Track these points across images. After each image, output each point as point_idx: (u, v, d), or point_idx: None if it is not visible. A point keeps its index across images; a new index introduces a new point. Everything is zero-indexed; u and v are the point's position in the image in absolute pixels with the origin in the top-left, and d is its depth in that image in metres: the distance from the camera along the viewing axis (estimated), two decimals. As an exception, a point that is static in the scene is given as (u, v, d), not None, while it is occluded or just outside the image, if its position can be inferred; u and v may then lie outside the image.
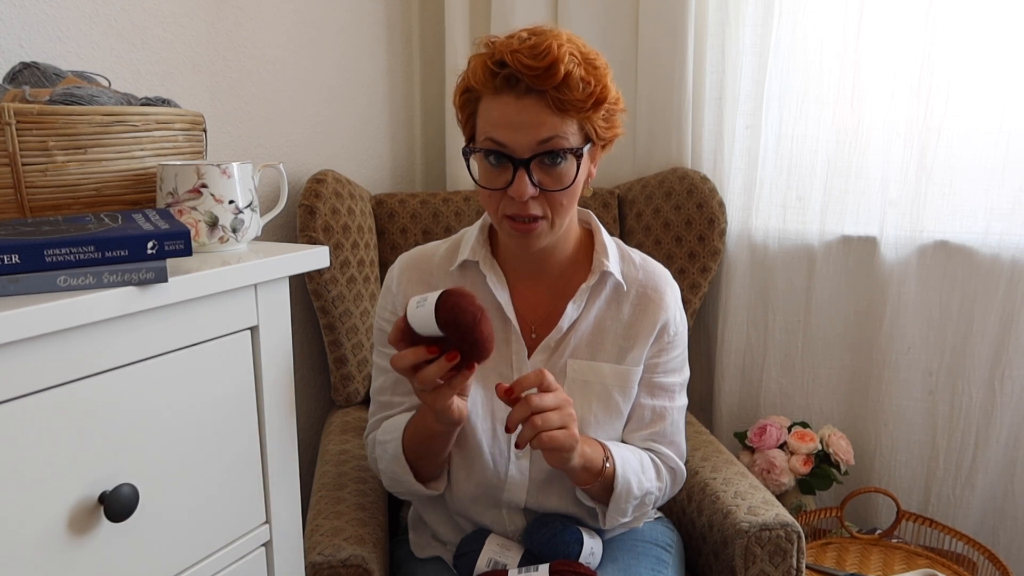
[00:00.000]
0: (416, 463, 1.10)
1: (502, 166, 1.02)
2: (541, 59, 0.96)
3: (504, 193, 1.02)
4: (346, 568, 1.06)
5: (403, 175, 1.96)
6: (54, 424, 0.71)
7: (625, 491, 1.08)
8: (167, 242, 0.74)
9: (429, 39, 1.96)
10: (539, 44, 0.97)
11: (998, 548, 1.67)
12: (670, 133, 1.76)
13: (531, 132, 0.99)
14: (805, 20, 1.66)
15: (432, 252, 1.19)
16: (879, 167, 1.65)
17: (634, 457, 1.11)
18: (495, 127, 1.00)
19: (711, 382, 1.90)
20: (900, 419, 1.71)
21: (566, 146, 1.00)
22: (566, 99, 0.98)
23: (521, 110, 0.98)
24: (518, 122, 0.99)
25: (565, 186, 1.02)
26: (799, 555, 1.16)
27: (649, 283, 1.16)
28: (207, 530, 0.87)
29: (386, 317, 1.17)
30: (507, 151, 1.00)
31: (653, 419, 1.16)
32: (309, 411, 1.71)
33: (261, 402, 0.91)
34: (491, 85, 0.99)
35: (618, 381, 1.13)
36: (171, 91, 1.34)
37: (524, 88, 0.97)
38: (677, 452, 1.18)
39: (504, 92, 0.99)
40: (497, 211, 1.05)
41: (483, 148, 1.02)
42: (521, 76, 0.97)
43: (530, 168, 1.00)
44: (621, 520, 1.12)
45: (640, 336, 1.13)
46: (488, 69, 0.99)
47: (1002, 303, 1.60)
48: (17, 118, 0.80)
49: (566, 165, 1.02)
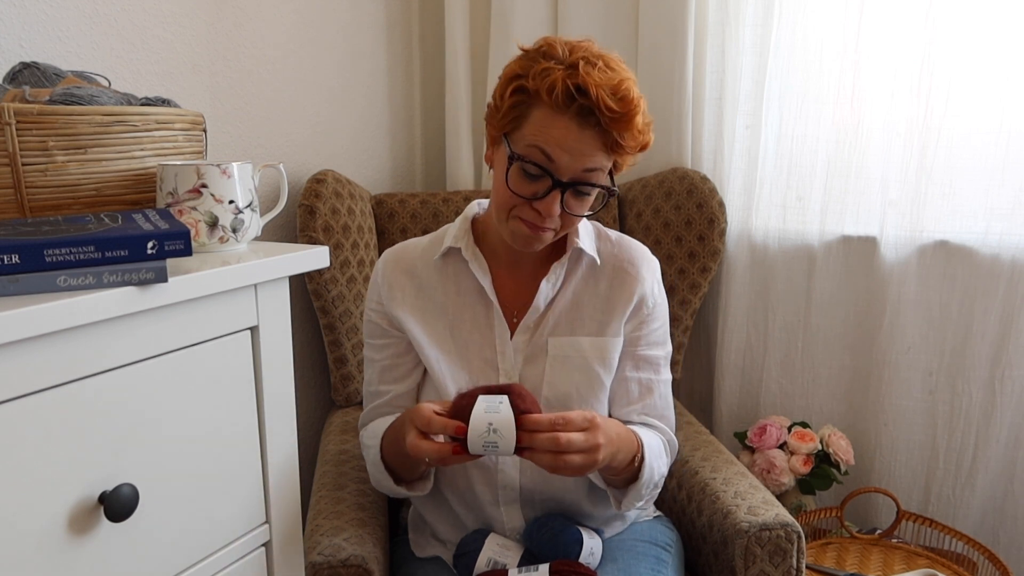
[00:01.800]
0: (397, 469, 1.12)
1: (540, 179, 1.03)
2: (623, 104, 0.98)
3: (527, 202, 1.04)
4: (346, 568, 1.06)
5: (403, 175, 1.96)
6: (54, 424, 0.71)
7: (648, 479, 1.09)
8: (167, 242, 0.74)
9: (429, 39, 1.96)
10: (620, 85, 0.98)
11: (998, 548, 1.67)
12: (670, 133, 1.76)
13: (580, 160, 1.01)
14: (805, 20, 1.66)
15: (415, 245, 1.22)
16: (879, 167, 1.65)
17: (655, 443, 1.12)
18: (548, 144, 1.01)
19: (711, 382, 1.90)
20: (900, 419, 1.71)
21: (602, 182, 1.05)
22: (624, 144, 1.01)
23: (580, 140, 1.00)
24: (573, 149, 1.00)
25: (585, 214, 1.08)
26: (799, 555, 1.16)
27: (624, 256, 1.18)
28: (207, 530, 0.87)
29: (373, 308, 1.20)
30: (551, 169, 1.02)
31: (641, 392, 1.17)
32: (309, 411, 1.71)
33: (261, 402, 0.91)
34: (561, 103, 0.98)
35: (598, 353, 1.14)
36: (171, 91, 1.34)
37: (594, 122, 0.99)
38: (668, 425, 1.20)
39: (568, 115, 0.99)
40: (511, 209, 1.07)
41: (529, 159, 1.02)
42: (598, 113, 0.98)
43: (565, 192, 1.03)
44: (637, 504, 1.13)
45: (617, 309, 1.16)
46: (567, 91, 0.98)
47: (1002, 303, 1.60)
48: (17, 118, 0.80)
49: (593, 195, 1.06)
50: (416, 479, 1.14)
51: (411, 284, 1.18)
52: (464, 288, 1.17)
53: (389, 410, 1.18)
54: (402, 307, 1.16)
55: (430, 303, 1.17)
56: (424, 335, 1.15)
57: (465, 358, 1.14)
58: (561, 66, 0.99)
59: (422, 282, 1.18)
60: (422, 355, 1.15)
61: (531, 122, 1.02)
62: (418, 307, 1.16)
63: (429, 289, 1.17)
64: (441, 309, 1.17)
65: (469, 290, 1.17)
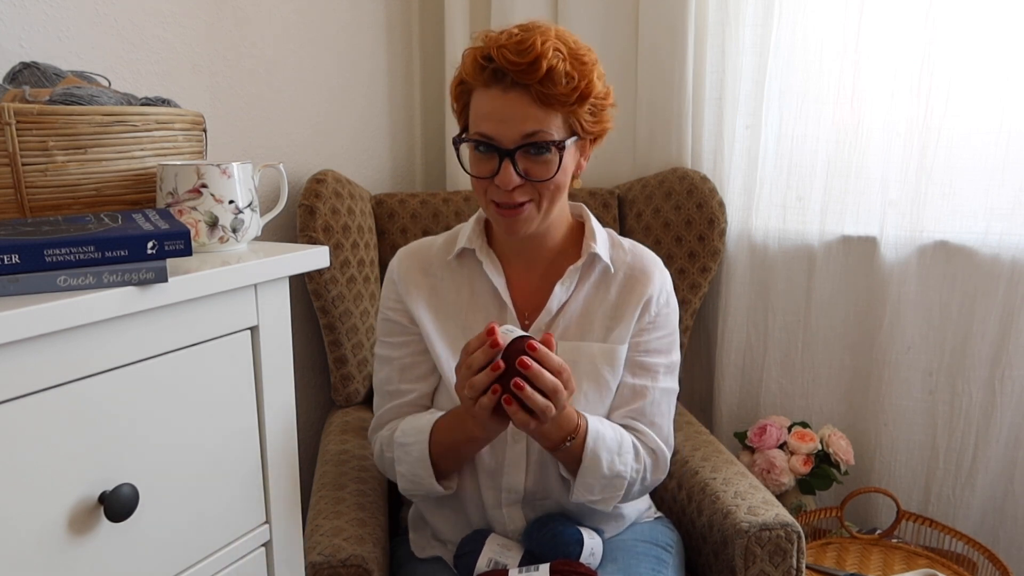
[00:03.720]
0: (441, 461, 1.10)
1: (489, 155, 1.06)
2: (525, 55, 1.01)
3: (491, 181, 1.07)
4: (346, 568, 1.06)
5: (403, 175, 1.96)
6: (54, 424, 0.71)
7: (592, 465, 1.07)
8: (167, 242, 0.74)
9: (429, 39, 1.96)
10: (525, 40, 1.02)
11: (998, 548, 1.67)
12: (670, 133, 1.76)
13: (516, 125, 1.03)
14: (805, 20, 1.66)
15: (430, 243, 1.23)
16: (879, 167, 1.65)
17: (612, 435, 1.10)
18: (483, 119, 1.05)
19: (711, 382, 1.90)
20: (900, 419, 1.71)
21: (550, 139, 1.05)
22: (550, 93, 1.02)
23: (507, 104, 1.03)
24: (504, 115, 1.04)
25: (549, 177, 1.07)
26: (799, 555, 1.16)
27: (637, 265, 1.19)
28: (207, 530, 0.87)
29: (390, 306, 1.19)
30: (494, 142, 1.05)
31: (632, 397, 1.16)
32: (309, 411, 1.70)
33: (261, 402, 0.91)
34: (480, 79, 1.05)
35: (606, 359, 1.15)
36: (171, 91, 1.34)
37: (510, 82, 1.02)
38: (659, 435, 1.16)
39: (492, 86, 1.04)
40: (485, 197, 1.10)
41: (472, 139, 1.07)
42: (506, 71, 1.01)
43: (515, 158, 1.05)
44: (589, 497, 1.10)
45: (625, 314, 1.16)
46: (477, 63, 1.04)
47: (1002, 303, 1.60)
48: (17, 118, 0.80)
49: (550, 156, 1.06)
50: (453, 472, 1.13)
51: (426, 283, 1.18)
52: (478, 289, 1.17)
53: (412, 409, 1.16)
54: (418, 304, 1.16)
55: (444, 303, 1.17)
56: (437, 334, 1.15)
57: None
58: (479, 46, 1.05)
59: (436, 281, 1.18)
60: (433, 353, 1.15)
61: (472, 108, 1.08)
62: (432, 305, 1.17)
63: (443, 289, 1.17)
64: (454, 309, 1.16)
65: (483, 291, 1.17)
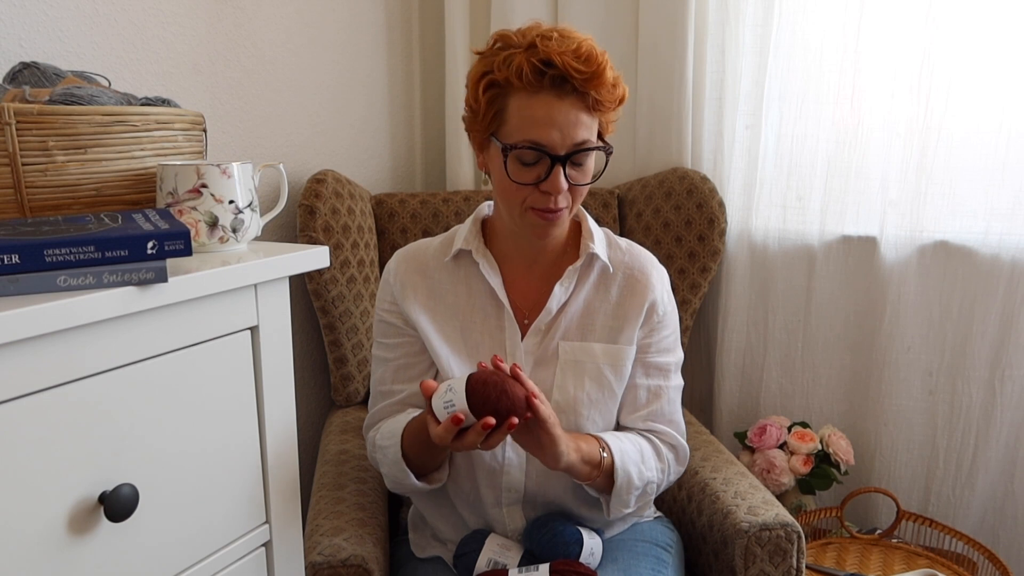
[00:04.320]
0: (416, 461, 1.11)
1: (539, 162, 1.05)
2: (590, 63, 1.01)
3: (534, 187, 1.05)
4: (346, 568, 1.06)
5: (403, 175, 1.96)
6: (54, 424, 0.71)
7: (626, 482, 1.09)
8: (167, 242, 0.74)
9: (429, 39, 1.96)
10: (581, 47, 1.01)
11: (998, 548, 1.67)
12: (670, 133, 1.76)
13: (570, 132, 1.03)
14: (805, 20, 1.66)
15: (427, 245, 1.22)
16: (879, 167, 1.65)
17: (632, 448, 1.12)
18: (535, 125, 1.03)
19: (711, 382, 1.90)
20: (900, 419, 1.71)
21: (595, 144, 1.06)
22: (604, 100, 1.03)
23: (562, 110, 1.02)
24: (558, 121, 1.03)
25: (590, 180, 1.09)
26: (799, 555, 1.16)
27: (635, 265, 1.19)
28: (207, 530, 0.87)
29: (385, 308, 1.19)
30: (546, 149, 1.03)
31: (649, 399, 1.17)
32: (309, 411, 1.71)
33: (261, 402, 0.91)
34: (535, 84, 1.01)
35: (610, 360, 1.15)
36: (171, 91, 1.34)
37: (570, 89, 1.01)
38: (677, 430, 1.19)
39: (543, 91, 1.02)
40: (523, 203, 1.08)
41: (524, 146, 1.04)
42: (570, 78, 1.00)
43: (565, 165, 1.04)
44: (624, 511, 1.13)
45: (630, 316, 1.16)
46: (535, 68, 1.01)
47: (1002, 303, 1.60)
48: (17, 118, 0.80)
49: (590, 162, 1.07)
50: (434, 470, 1.13)
51: (423, 284, 1.18)
52: (475, 290, 1.17)
53: (400, 408, 1.17)
54: (415, 306, 1.16)
55: (441, 304, 1.17)
56: (436, 335, 1.15)
57: (475, 358, 1.14)
58: (520, 49, 1.03)
59: (434, 283, 1.18)
60: (434, 355, 1.15)
61: (512, 112, 1.04)
62: (430, 307, 1.16)
63: (441, 290, 1.17)
64: (452, 311, 1.17)
65: (480, 292, 1.17)
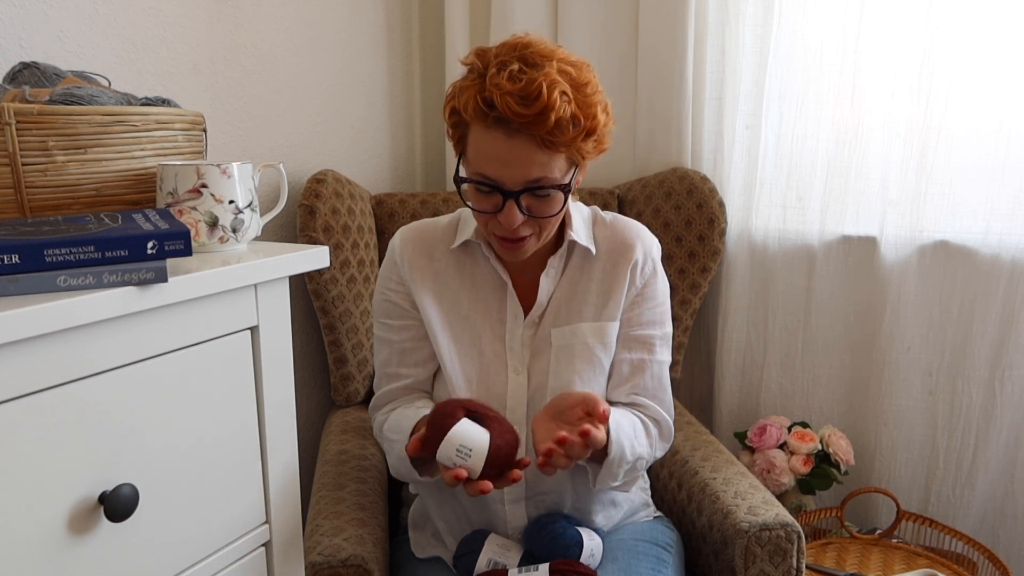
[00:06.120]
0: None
1: (493, 194, 1.03)
2: (531, 105, 0.95)
3: (494, 216, 1.04)
4: (346, 568, 1.06)
5: (403, 175, 1.96)
6: (54, 424, 0.71)
7: (619, 456, 1.07)
8: (167, 242, 0.74)
9: (429, 39, 1.96)
10: (529, 86, 0.95)
11: (998, 548, 1.67)
12: (670, 133, 1.76)
13: (521, 170, 1.00)
14: (805, 20, 1.66)
15: (433, 226, 1.20)
16: (879, 167, 1.65)
17: (626, 422, 1.10)
18: (485, 161, 1.01)
19: (711, 382, 1.90)
20: (900, 419, 1.71)
21: (555, 183, 1.02)
22: (557, 140, 0.98)
23: (511, 148, 0.99)
24: (507, 159, 1.00)
25: (553, 214, 1.05)
26: (799, 555, 1.16)
27: (617, 238, 1.17)
28: (207, 530, 0.87)
29: (391, 287, 1.18)
30: (496, 184, 1.01)
31: (632, 372, 1.16)
32: (309, 411, 1.70)
33: (261, 402, 0.91)
34: (483, 120, 0.99)
35: (598, 337, 1.14)
36: (171, 91, 1.34)
37: (515, 128, 0.97)
38: (663, 406, 1.17)
39: (494, 128, 0.99)
40: (487, 228, 1.08)
41: (473, 180, 1.03)
42: (511, 120, 0.96)
43: (519, 200, 1.02)
44: (611, 484, 1.10)
45: (614, 289, 1.15)
46: (478, 108, 0.98)
47: (1002, 303, 1.60)
48: (17, 118, 0.80)
49: (554, 195, 1.04)
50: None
51: (430, 267, 1.16)
52: (480, 281, 1.16)
53: (406, 392, 1.17)
54: (422, 289, 1.15)
55: (446, 290, 1.16)
56: (439, 322, 1.14)
57: (477, 348, 1.14)
58: (479, 79, 1.00)
59: (440, 267, 1.17)
60: (434, 342, 1.14)
61: (470, 143, 1.04)
62: (436, 292, 1.16)
63: (447, 276, 1.16)
64: (456, 298, 1.16)
65: (484, 282, 1.16)
